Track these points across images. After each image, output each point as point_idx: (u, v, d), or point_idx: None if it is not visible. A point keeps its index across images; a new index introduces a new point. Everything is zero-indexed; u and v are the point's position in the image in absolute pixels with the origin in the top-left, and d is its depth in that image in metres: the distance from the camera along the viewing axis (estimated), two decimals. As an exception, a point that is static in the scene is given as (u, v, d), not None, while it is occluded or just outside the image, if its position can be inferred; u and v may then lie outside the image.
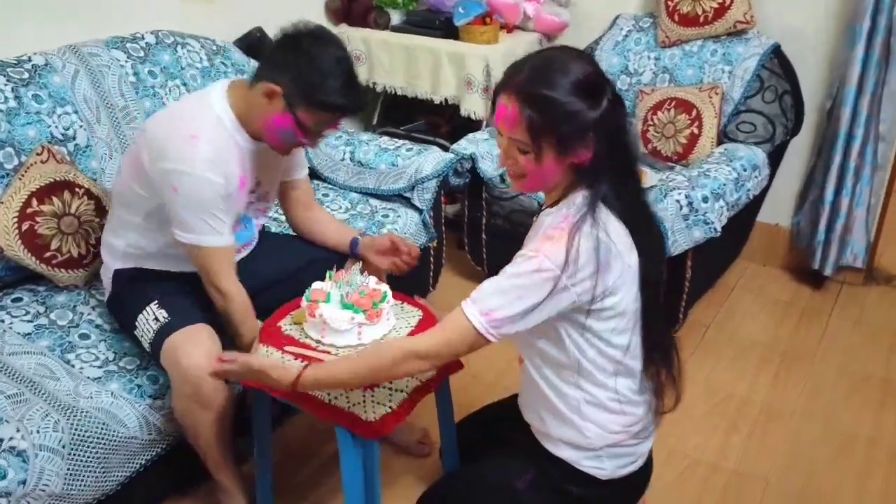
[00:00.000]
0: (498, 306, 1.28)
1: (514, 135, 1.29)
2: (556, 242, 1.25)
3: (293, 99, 1.59)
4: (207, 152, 1.61)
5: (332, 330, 1.57)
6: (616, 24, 2.99)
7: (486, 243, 2.79)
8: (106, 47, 2.27)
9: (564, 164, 1.29)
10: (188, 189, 1.61)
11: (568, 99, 1.24)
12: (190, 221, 1.64)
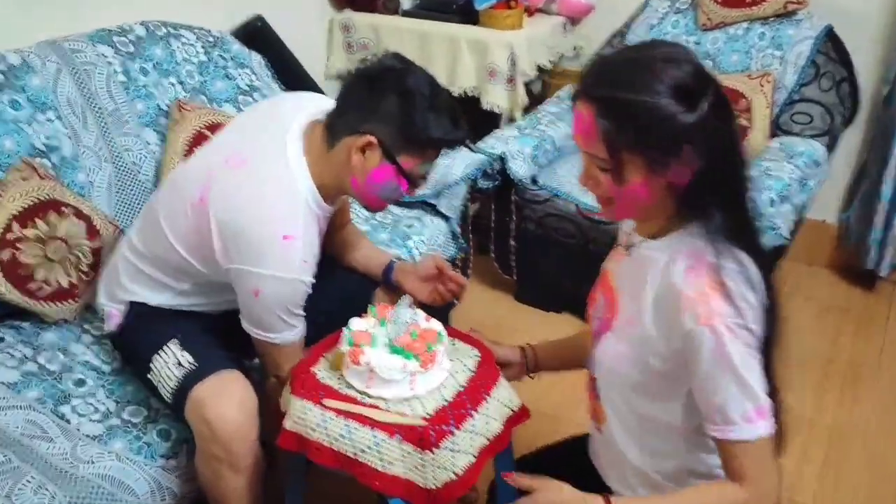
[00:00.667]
0: (753, 397, 1.04)
1: (591, 149, 1.05)
2: (714, 297, 1.02)
3: (392, 145, 1.37)
4: (303, 253, 1.40)
5: (379, 379, 1.32)
6: (649, 6, 2.75)
7: (514, 250, 2.55)
8: (90, 42, 1.99)
9: (659, 186, 1.05)
10: (275, 292, 1.41)
11: (655, 102, 0.99)
12: (268, 321, 1.45)
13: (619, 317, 1.19)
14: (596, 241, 2.32)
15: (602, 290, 1.28)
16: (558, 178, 2.43)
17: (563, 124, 2.56)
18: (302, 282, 1.41)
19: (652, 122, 0.99)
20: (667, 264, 1.08)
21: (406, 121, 1.34)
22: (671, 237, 1.11)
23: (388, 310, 1.43)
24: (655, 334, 1.09)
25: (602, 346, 1.22)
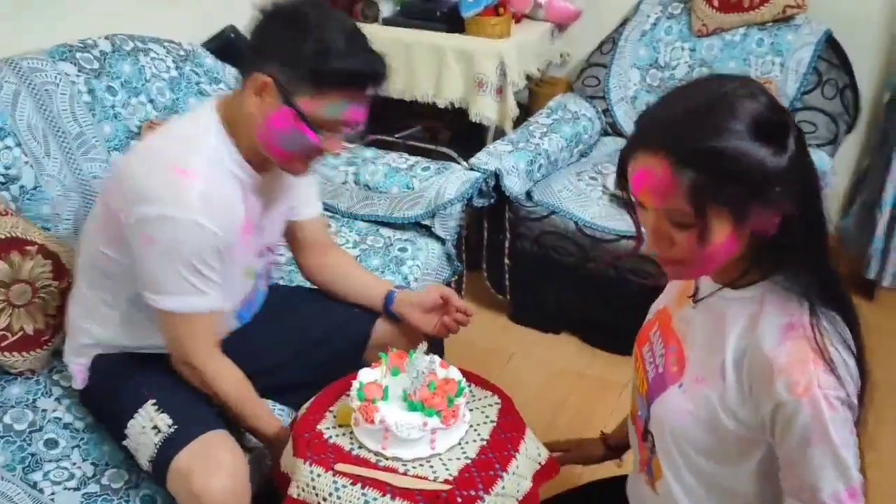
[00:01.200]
0: (847, 478, 0.93)
1: (668, 205, 0.92)
2: (815, 366, 0.91)
3: (288, 83, 1.21)
4: (201, 190, 1.23)
5: (396, 439, 1.19)
6: (640, 11, 2.65)
7: (508, 269, 2.42)
8: (51, 59, 1.81)
9: (743, 236, 0.93)
10: (171, 237, 1.23)
11: (743, 146, 0.87)
12: (167, 280, 1.26)
13: (689, 373, 1.06)
14: (597, 259, 2.21)
15: (662, 334, 1.15)
16: (554, 193, 2.31)
17: (557, 136, 2.45)
18: (200, 225, 1.22)
19: (741, 169, 0.87)
20: (753, 321, 0.96)
21: (297, 52, 1.19)
22: (756, 288, 0.99)
23: (402, 359, 1.30)
24: (736, 397, 0.97)
25: (665, 401, 1.08)
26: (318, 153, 1.29)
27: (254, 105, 1.24)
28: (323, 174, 2.19)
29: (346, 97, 1.23)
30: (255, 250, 1.44)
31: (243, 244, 1.36)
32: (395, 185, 2.11)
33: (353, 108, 1.25)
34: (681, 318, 1.11)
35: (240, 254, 1.37)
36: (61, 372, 1.57)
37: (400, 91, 2.67)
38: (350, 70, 1.20)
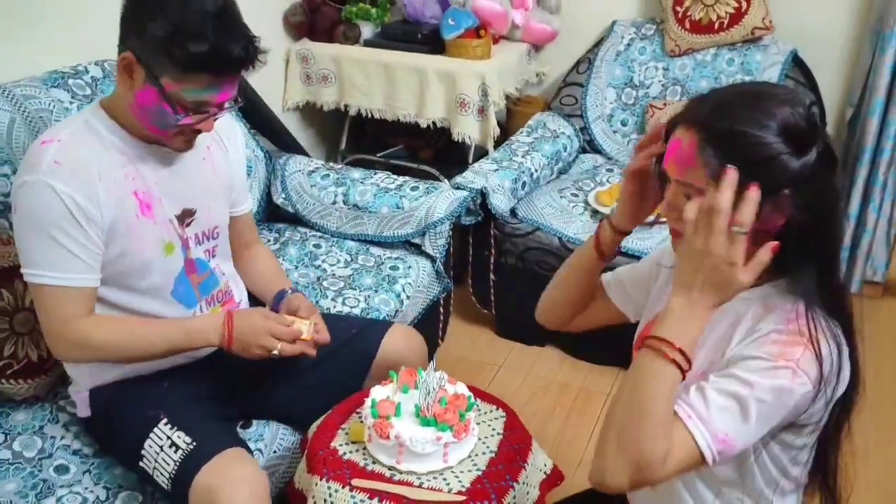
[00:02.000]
0: (736, 433, 0.95)
1: (685, 177, 0.99)
2: (806, 351, 0.95)
3: (149, 62, 1.21)
4: (57, 153, 1.24)
5: (410, 453, 1.23)
6: (614, 32, 2.74)
7: (494, 283, 2.48)
8: (44, 86, 1.82)
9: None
10: (26, 203, 1.24)
11: (765, 137, 0.94)
12: (30, 250, 1.26)
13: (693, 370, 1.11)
14: (581, 273, 2.27)
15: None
16: (538, 210, 2.38)
17: (538, 154, 2.52)
18: (51, 187, 1.21)
19: (757, 157, 0.94)
20: (756, 321, 1.01)
21: (158, 34, 1.18)
22: (760, 290, 1.04)
23: (412, 376, 1.34)
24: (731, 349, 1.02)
25: None
26: (189, 130, 1.30)
27: (124, 83, 1.26)
28: (312, 195, 2.23)
29: (209, 81, 1.23)
30: (162, 221, 1.38)
31: (143, 214, 1.34)
32: (384, 204, 2.16)
33: (217, 92, 1.25)
34: None
35: (140, 226, 1.34)
36: (67, 398, 1.58)
37: (381, 110, 2.72)
38: (204, 55, 1.18)
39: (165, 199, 1.38)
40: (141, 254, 1.36)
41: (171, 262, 1.41)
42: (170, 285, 1.42)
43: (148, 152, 1.35)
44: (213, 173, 1.48)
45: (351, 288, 1.99)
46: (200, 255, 1.47)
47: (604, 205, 2.33)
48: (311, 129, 3.01)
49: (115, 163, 1.31)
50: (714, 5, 2.49)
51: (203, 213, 1.45)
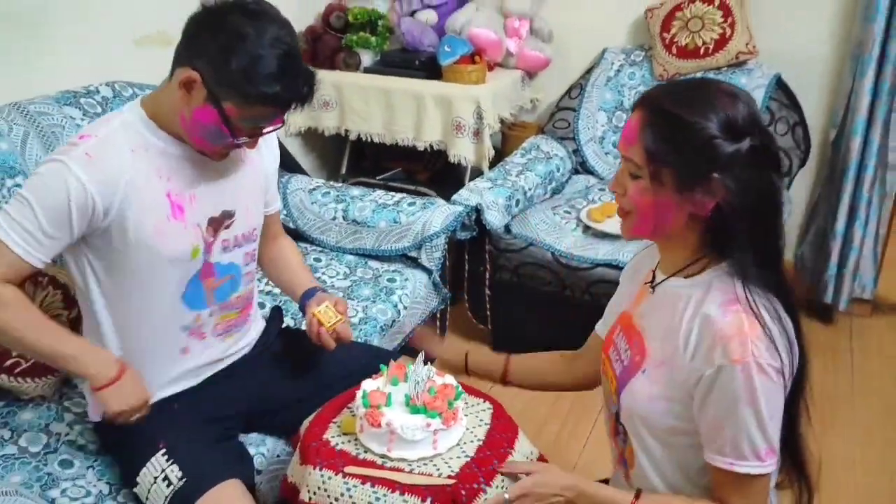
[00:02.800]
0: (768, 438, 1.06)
1: (628, 153, 1.08)
2: (751, 335, 1.03)
3: (216, 87, 1.26)
4: (92, 147, 1.27)
5: (401, 441, 1.28)
6: (605, 59, 2.84)
7: (489, 298, 2.54)
8: (57, 104, 1.92)
9: (683, 210, 1.08)
10: (39, 176, 1.26)
11: (700, 122, 1.02)
12: (11, 205, 1.26)
13: (650, 358, 1.18)
14: (573, 287, 2.34)
15: (624, 333, 1.27)
16: (531, 226, 2.45)
17: (532, 174, 2.60)
18: (71, 170, 1.23)
19: (691, 139, 1.03)
20: (699, 300, 1.09)
21: (226, 64, 1.23)
22: (702, 276, 1.12)
23: (401, 368, 1.40)
24: (694, 369, 1.09)
25: (632, 389, 1.20)
26: (233, 148, 1.36)
27: (181, 97, 1.28)
28: (313, 212, 2.31)
29: (270, 113, 1.30)
30: (192, 224, 1.39)
31: (174, 217, 1.36)
32: (382, 219, 2.23)
33: (270, 123, 1.33)
34: (640, 314, 1.23)
35: (170, 228, 1.35)
36: (72, 399, 1.64)
37: (380, 134, 2.81)
38: (276, 95, 1.25)
39: (204, 201, 1.39)
40: (167, 255, 1.36)
41: (194, 265, 1.41)
42: (182, 289, 1.42)
43: (187, 155, 1.37)
44: (252, 174, 1.50)
45: (350, 298, 2.05)
46: (237, 259, 1.48)
47: (595, 221, 2.40)
48: (313, 154, 3.11)
49: (151, 164, 1.32)
50: (700, 31, 2.60)
51: (242, 215, 1.46)
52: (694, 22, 2.60)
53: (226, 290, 1.49)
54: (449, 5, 2.94)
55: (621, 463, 1.29)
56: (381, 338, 1.98)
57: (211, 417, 1.47)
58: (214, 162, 1.41)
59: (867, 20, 2.40)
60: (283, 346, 1.65)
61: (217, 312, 1.49)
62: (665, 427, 1.15)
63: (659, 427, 1.17)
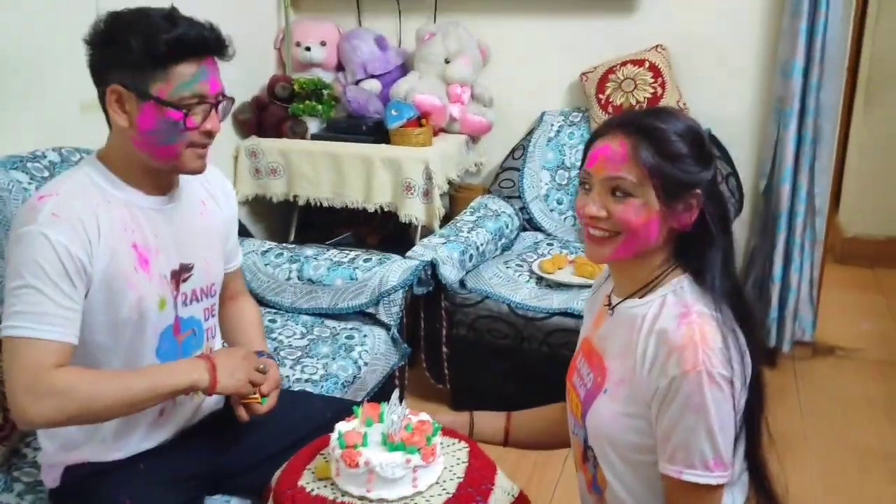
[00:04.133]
0: (716, 448, 1.08)
1: (620, 173, 1.11)
2: (702, 346, 1.06)
3: (137, 82, 1.24)
4: (55, 206, 1.24)
5: (381, 480, 1.25)
6: (544, 121, 2.96)
7: (447, 357, 2.53)
8: (3, 168, 1.87)
9: (666, 225, 1.13)
10: (19, 252, 1.21)
11: (686, 138, 1.12)
12: (14, 300, 1.20)
13: (610, 378, 1.20)
14: (530, 338, 2.36)
15: (585, 358, 1.30)
16: (486, 280, 2.48)
17: (483, 230, 2.65)
18: (45, 236, 1.20)
19: (681, 154, 1.10)
20: (654, 316, 1.13)
21: (129, 51, 1.23)
22: (655, 293, 1.16)
23: (374, 409, 1.38)
24: (651, 382, 1.11)
25: (595, 410, 1.22)
26: (199, 135, 1.30)
27: (121, 119, 1.27)
28: (267, 273, 2.29)
29: (195, 68, 1.26)
30: (157, 275, 1.36)
31: (141, 268, 1.33)
32: (338, 277, 2.23)
33: (206, 79, 1.28)
34: (599, 336, 1.26)
35: (137, 279, 1.32)
36: (21, 469, 1.54)
37: (329, 199, 2.83)
38: (179, 38, 1.24)
39: (163, 253, 1.37)
40: (138, 306, 1.33)
41: (163, 317, 1.38)
42: (155, 342, 1.38)
43: (147, 204, 1.35)
44: (209, 227, 1.48)
45: (308, 356, 2.02)
46: (197, 313, 1.45)
47: (547, 272, 2.44)
48: (262, 222, 3.10)
49: (115, 216, 1.30)
50: (633, 91, 2.74)
51: (200, 268, 1.44)
52: (627, 83, 2.75)
53: (189, 344, 1.45)
54: (392, 74, 3.03)
55: (592, 489, 1.29)
56: (342, 395, 1.95)
57: (177, 477, 1.41)
58: (171, 212, 1.39)
59: (785, 76, 2.58)
60: None
61: None
62: (631, 445, 1.17)
63: (625, 446, 1.18)
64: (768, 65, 2.73)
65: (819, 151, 2.62)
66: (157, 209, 1.37)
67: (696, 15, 2.79)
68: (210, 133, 1.31)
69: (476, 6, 3.05)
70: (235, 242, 1.63)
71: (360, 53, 2.98)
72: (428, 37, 2.95)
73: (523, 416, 1.52)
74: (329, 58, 3.06)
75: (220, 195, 1.55)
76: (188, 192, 1.44)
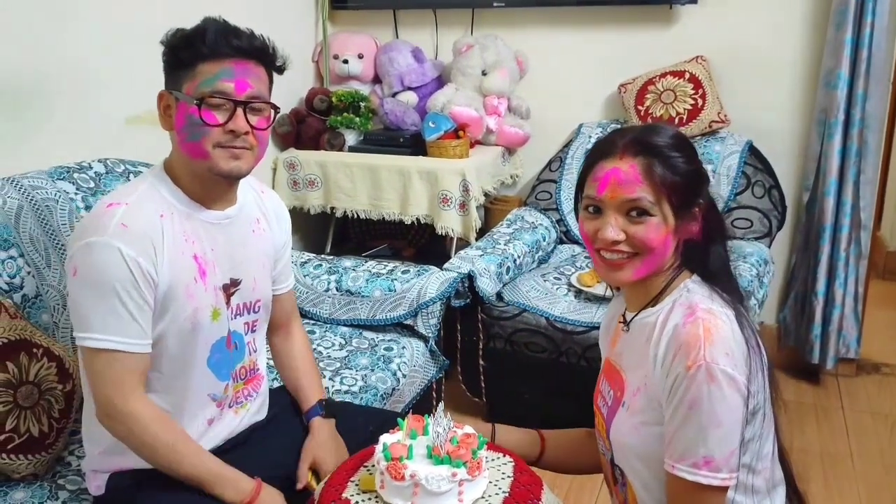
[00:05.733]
0: (707, 447, 1.06)
1: (635, 194, 1.12)
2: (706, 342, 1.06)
3: (174, 84, 1.31)
4: (124, 216, 1.26)
5: (426, 493, 1.23)
6: (581, 133, 2.94)
7: (483, 370, 2.51)
8: (50, 178, 1.91)
9: (678, 237, 1.17)
10: (90, 263, 1.23)
11: (679, 153, 1.15)
12: (90, 313, 1.24)
13: (628, 390, 1.20)
14: (569, 352, 2.33)
15: (606, 378, 1.30)
16: (523, 293, 2.46)
17: (520, 243, 2.63)
18: (117, 249, 1.23)
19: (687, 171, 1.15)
20: (665, 319, 1.14)
21: (166, 54, 1.31)
22: (666, 300, 1.17)
23: (419, 421, 1.36)
24: (662, 381, 1.11)
25: (617, 426, 1.22)
26: (222, 133, 1.30)
27: (167, 123, 1.34)
28: (305, 284, 2.29)
29: (215, 67, 1.28)
30: (212, 286, 1.39)
31: (200, 278, 1.36)
32: (377, 288, 2.22)
33: (231, 78, 1.29)
34: (617, 353, 1.26)
35: (197, 290, 1.35)
36: (66, 476, 1.56)
37: (366, 210, 2.84)
38: (203, 34, 1.27)
39: (218, 267, 1.39)
40: (193, 317, 1.35)
41: (216, 329, 1.40)
42: (206, 353, 1.40)
43: (206, 218, 1.38)
44: (260, 246, 1.50)
45: (347, 368, 2.02)
46: (238, 328, 1.46)
47: (586, 285, 2.42)
48: (299, 234, 3.11)
49: (177, 227, 1.33)
50: (673, 103, 2.71)
51: (247, 285, 1.45)
52: (666, 94, 2.73)
53: (236, 359, 1.47)
54: (429, 87, 3.04)
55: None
56: (382, 406, 1.94)
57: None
58: (227, 227, 1.42)
59: (829, 87, 2.54)
60: (293, 418, 1.60)
61: (231, 384, 1.47)
62: (654, 455, 1.16)
63: (650, 457, 1.17)
64: (811, 76, 2.69)
65: (864, 164, 2.57)
66: (214, 223, 1.39)
67: (736, 26, 2.76)
68: (234, 133, 1.30)
69: (513, 19, 3.05)
70: (287, 265, 1.63)
71: (396, 66, 3.00)
72: (465, 49, 2.95)
73: (557, 435, 1.51)
74: (366, 70, 3.08)
75: (274, 218, 1.56)
76: (245, 211, 1.46)
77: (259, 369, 1.55)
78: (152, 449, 1.30)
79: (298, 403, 1.61)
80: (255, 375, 1.54)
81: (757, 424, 1.13)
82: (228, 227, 1.42)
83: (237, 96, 1.30)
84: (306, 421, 1.57)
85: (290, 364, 1.65)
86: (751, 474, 1.15)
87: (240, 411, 1.50)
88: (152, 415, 1.30)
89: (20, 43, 2.01)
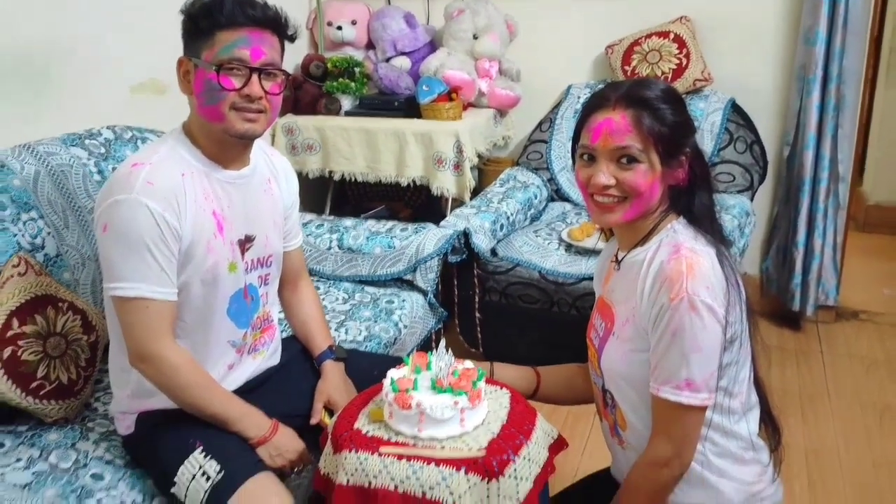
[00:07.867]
0: (689, 371, 1.18)
1: (625, 142, 1.23)
2: (689, 276, 1.17)
3: (192, 51, 1.38)
4: (149, 175, 1.35)
5: (431, 420, 1.35)
6: (570, 94, 3.03)
7: (480, 322, 2.64)
8: (64, 145, 2.00)
9: (665, 183, 1.27)
10: (120, 219, 1.33)
11: (668, 106, 1.25)
12: (120, 264, 1.34)
13: (618, 321, 1.32)
14: (560, 302, 2.45)
15: (598, 312, 1.42)
16: (516, 248, 2.58)
17: (513, 201, 2.74)
18: (144, 205, 1.32)
19: (678, 118, 1.25)
20: (653, 256, 1.25)
21: (186, 20, 1.38)
22: (653, 239, 1.29)
23: (423, 358, 1.48)
24: (648, 312, 1.23)
25: (608, 353, 1.34)
26: (238, 97, 1.37)
27: (186, 88, 1.41)
28: (308, 243, 2.40)
29: (233, 36, 1.36)
30: (229, 241, 1.48)
31: (219, 233, 1.45)
32: (377, 245, 2.33)
33: (248, 46, 1.36)
34: (609, 290, 1.38)
35: (216, 244, 1.45)
36: (94, 420, 1.67)
37: (364, 173, 2.93)
38: (222, 4, 1.34)
39: (234, 222, 1.48)
40: (213, 269, 1.45)
41: (234, 281, 1.51)
42: (226, 304, 1.51)
43: (223, 177, 1.47)
44: (272, 204, 1.59)
45: (351, 319, 2.13)
46: (253, 280, 1.57)
47: (576, 239, 2.53)
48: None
49: (197, 185, 1.42)
50: (658, 63, 2.80)
51: (260, 241, 1.55)
52: (652, 55, 2.82)
53: (253, 309, 1.59)
54: (421, 51, 3.12)
55: (615, 433, 1.40)
56: (385, 353, 2.06)
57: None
58: (242, 186, 1.51)
59: (808, 43, 2.63)
60: (304, 363, 1.72)
61: (250, 332, 1.59)
62: (642, 379, 1.28)
63: (637, 381, 1.29)
64: (791, 34, 2.78)
65: (842, 118, 2.67)
66: (230, 182, 1.48)
67: (719, -14, 2.85)
68: (249, 97, 1.38)
69: (502, -18, 3.12)
70: (295, 224, 1.73)
71: (389, 31, 3.07)
72: (456, 13, 3.03)
73: (550, 370, 1.64)
74: (360, 36, 3.16)
75: (283, 179, 1.67)
76: (258, 171, 1.56)
77: (272, 319, 1.68)
78: (182, 389, 1.41)
79: (309, 350, 1.73)
80: (270, 325, 1.66)
81: (734, 351, 1.25)
82: (243, 187, 1.51)
83: (252, 63, 1.38)
84: (318, 364, 1.69)
85: (301, 316, 1.76)
86: (727, 397, 1.28)
87: (257, 357, 1.62)
88: (182, 358, 1.41)
89: (33, 17, 2.09)
